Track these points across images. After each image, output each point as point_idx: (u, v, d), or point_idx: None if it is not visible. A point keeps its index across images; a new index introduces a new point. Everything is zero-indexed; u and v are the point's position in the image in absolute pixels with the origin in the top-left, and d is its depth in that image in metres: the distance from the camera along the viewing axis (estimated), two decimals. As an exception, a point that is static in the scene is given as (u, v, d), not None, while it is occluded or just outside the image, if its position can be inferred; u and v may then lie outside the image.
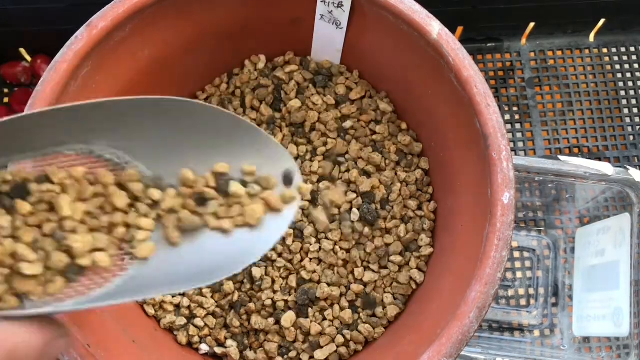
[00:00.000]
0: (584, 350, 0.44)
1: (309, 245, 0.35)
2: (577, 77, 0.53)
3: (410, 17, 0.32)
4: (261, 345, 0.35)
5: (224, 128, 0.25)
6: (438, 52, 0.31)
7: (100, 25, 0.31)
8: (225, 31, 0.36)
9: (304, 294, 0.34)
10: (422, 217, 0.36)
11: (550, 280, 0.46)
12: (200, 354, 0.35)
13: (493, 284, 0.28)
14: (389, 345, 0.33)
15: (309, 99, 0.37)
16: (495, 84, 0.52)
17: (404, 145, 0.37)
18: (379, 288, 0.35)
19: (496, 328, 0.45)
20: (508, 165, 0.29)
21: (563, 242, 0.46)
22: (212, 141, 0.25)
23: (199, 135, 0.25)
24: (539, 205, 0.48)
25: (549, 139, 0.51)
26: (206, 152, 0.25)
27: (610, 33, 0.53)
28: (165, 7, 0.33)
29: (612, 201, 0.44)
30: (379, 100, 0.38)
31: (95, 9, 0.31)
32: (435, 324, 0.30)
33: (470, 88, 0.30)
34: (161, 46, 0.35)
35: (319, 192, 0.36)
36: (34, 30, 0.47)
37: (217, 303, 0.35)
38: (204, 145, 0.25)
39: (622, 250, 0.40)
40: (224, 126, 0.24)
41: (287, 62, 0.39)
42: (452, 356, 0.27)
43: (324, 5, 0.34)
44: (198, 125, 0.24)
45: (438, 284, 0.33)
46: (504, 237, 0.28)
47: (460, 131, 0.33)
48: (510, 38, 0.53)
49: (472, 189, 0.32)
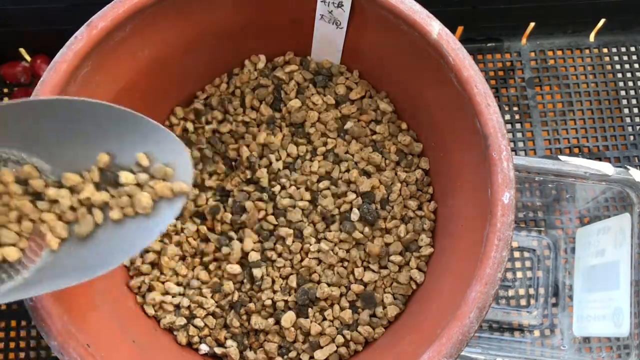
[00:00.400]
0: (584, 351, 0.44)
1: (309, 245, 0.35)
2: (577, 77, 0.53)
3: (411, 17, 0.32)
4: (261, 346, 0.35)
5: (115, 122, 0.26)
6: (438, 52, 0.31)
7: (100, 25, 0.31)
8: (225, 31, 0.36)
9: (304, 294, 0.34)
10: (422, 217, 0.36)
11: (551, 280, 0.46)
12: (200, 354, 0.35)
13: (493, 284, 0.28)
14: (389, 345, 0.33)
15: (309, 99, 0.37)
16: (495, 84, 0.52)
17: (404, 145, 0.37)
18: (379, 288, 0.35)
19: (496, 328, 0.45)
20: (508, 165, 0.29)
21: (563, 242, 0.46)
22: (102, 135, 0.26)
23: (91, 131, 0.26)
24: (539, 205, 0.47)
25: (549, 139, 0.51)
26: (96, 146, 0.26)
27: (610, 33, 0.53)
28: (165, 7, 0.33)
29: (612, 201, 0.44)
30: (379, 100, 0.38)
31: (95, 9, 0.31)
32: (436, 324, 0.30)
33: (471, 88, 0.30)
34: (161, 46, 0.34)
35: (319, 192, 0.36)
36: (34, 30, 0.47)
37: (217, 303, 0.35)
38: (95, 139, 0.26)
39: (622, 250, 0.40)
40: (115, 120, 0.26)
41: (287, 62, 0.39)
42: (452, 356, 0.27)
43: (324, 5, 0.34)
44: (89, 121, 0.25)
45: (438, 284, 0.33)
46: (504, 237, 0.28)
47: (460, 131, 0.33)
48: (511, 38, 0.53)
49: (472, 188, 0.32)
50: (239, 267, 0.35)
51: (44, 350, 0.45)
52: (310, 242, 0.35)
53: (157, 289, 0.35)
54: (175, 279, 0.35)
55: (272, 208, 0.36)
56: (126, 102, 0.35)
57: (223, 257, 0.35)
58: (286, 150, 0.37)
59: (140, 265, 0.35)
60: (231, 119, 0.38)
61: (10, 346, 0.45)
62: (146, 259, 0.35)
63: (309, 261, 0.35)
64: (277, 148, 0.37)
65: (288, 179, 0.36)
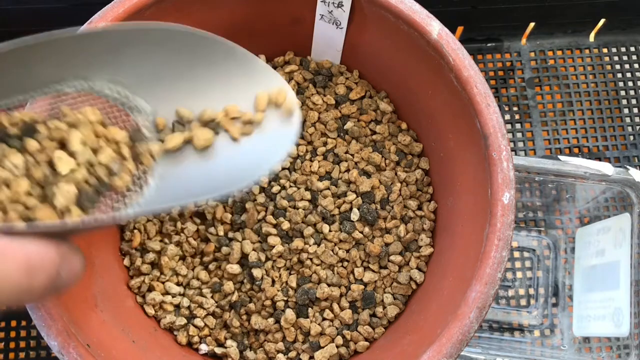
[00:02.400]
0: (584, 351, 0.44)
1: (309, 245, 0.35)
2: (577, 77, 0.53)
3: (410, 17, 0.32)
4: (261, 346, 0.35)
5: (219, 57, 0.25)
6: (438, 52, 0.31)
7: (100, 25, 0.31)
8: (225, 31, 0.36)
9: (304, 294, 0.34)
10: (422, 217, 0.36)
11: (551, 280, 0.46)
12: (200, 354, 0.35)
13: (493, 284, 0.28)
14: (389, 345, 0.33)
15: (309, 99, 0.37)
16: (495, 84, 0.52)
17: (404, 145, 0.37)
18: (379, 288, 0.35)
19: (496, 328, 0.45)
20: (508, 165, 0.29)
21: (563, 242, 0.46)
22: (207, 72, 0.25)
23: (195, 66, 0.25)
24: (539, 205, 0.47)
25: (549, 139, 0.51)
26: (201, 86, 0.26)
27: (610, 33, 0.53)
28: (165, 6, 0.33)
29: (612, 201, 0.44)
30: (379, 100, 0.38)
31: (95, 9, 0.31)
32: (436, 324, 0.30)
33: (471, 88, 0.30)
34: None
35: (319, 192, 0.36)
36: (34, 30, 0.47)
37: (217, 303, 0.35)
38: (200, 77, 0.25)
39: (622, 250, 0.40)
40: (219, 55, 0.25)
41: (287, 62, 0.39)
42: (452, 356, 0.27)
43: (324, 5, 0.34)
44: (194, 55, 0.25)
45: (438, 284, 0.33)
46: (504, 237, 0.28)
47: (460, 131, 0.33)
48: (510, 38, 0.53)
49: (472, 188, 0.32)
50: (238, 267, 0.35)
51: (44, 350, 0.45)
52: (309, 242, 0.35)
53: (157, 289, 0.35)
54: (175, 279, 0.35)
55: (272, 208, 0.36)
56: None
57: (223, 257, 0.35)
58: (286, 150, 0.37)
59: (140, 265, 0.35)
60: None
61: (10, 346, 0.45)
62: (146, 259, 0.35)
63: (309, 261, 0.35)
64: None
65: (288, 179, 0.36)
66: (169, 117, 0.26)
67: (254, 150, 0.26)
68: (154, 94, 0.25)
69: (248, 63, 0.26)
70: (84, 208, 0.23)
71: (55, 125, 0.23)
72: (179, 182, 0.25)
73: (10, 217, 0.21)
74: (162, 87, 0.25)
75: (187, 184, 0.25)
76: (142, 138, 0.25)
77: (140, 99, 0.25)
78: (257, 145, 0.26)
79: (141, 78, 0.25)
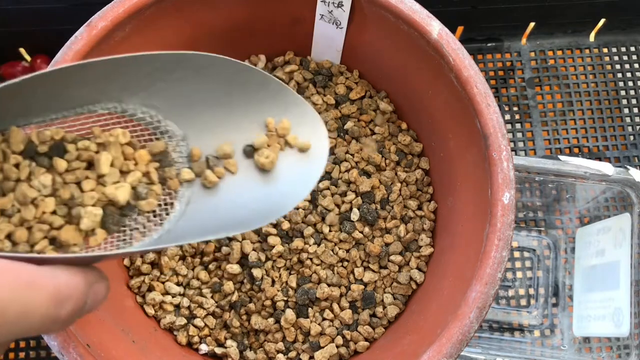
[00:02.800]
0: (584, 351, 0.44)
1: (309, 245, 0.35)
2: (577, 77, 0.53)
3: (411, 17, 0.32)
4: (261, 346, 0.35)
5: (253, 87, 0.25)
6: (438, 52, 0.31)
7: (100, 25, 0.31)
8: (225, 31, 0.36)
9: (304, 294, 0.34)
10: (422, 217, 0.36)
11: (551, 280, 0.46)
12: (200, 354, 0.35)
13: (493, 284, 0.28)
14: (389, 345, 0.33)
15: (309, 99, 0.37)
16: (495, 83, 0.52)
17: (404, 145, 0.37)
18: (379, 288, 0.35)
19: (496, 328, 0.45)
20: (508, 165, 0.29)
21: (563, 242, 0.46)
22: (241, 101, 0.25)
23: (230, 94, 0.25)
24: (539, 205, 0.47)
25: (549, 139, 0.51)
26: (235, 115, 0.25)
27: (610, 33, 0.53)
28: (165, 6, 0.33)
29: (612, 201, 0.44)
30: (379, 100, 0.38)
31: (95, 9, 0.31)
32: (436, 324, 0.30)
33: (471, 88, 0.30)
34: (161, 46, 0.34)
35: (319, 192, 0.36)
36: (34, 30, 0.47)
37: (217, 303, 0.35)
38: (235, 105, 0.25)
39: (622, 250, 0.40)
40: (254, 85, 0.25)
41: (287, 62, 0.39)
42: (452, 356, 0.27)
43: (324, 5, 0.34)
44: (229, 83, 0.25)
45: (438, 284, 0.33)
46: (504, 237, 0.28)
47: (460, 131, 0.33)
48: (511, 38, 0.53)
49: (472, 188, 0.32)
50: (238, 267, 0.35)
51: (44, 350, 0.45)
52: (309, 242, 0.35)
53: (157, 289, 0.35)
54: (175, 279, 0.35)
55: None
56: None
57: (223, 257, 0.35)
58: (286, 150, 0.37)
59: (140, 265, 0.35)
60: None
61: (10, 346, 0.45)
62: (146, 259, 0.35)
63: (309, 261, 0.35)
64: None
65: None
66: (202, 146, 0.26)
67: (282, 184, 0.25)
68: (186, 119, 0.25)
69: (282, 94, 0.26)
70: (109, 230, 0.23)
71: (85, 146, 0.23)
72: (204, 214, 0.25)
73: (35, 237, 0.22)
74: (195, 113, 0.25)
75: (212, 216, 0.25)
76: (172, 163, 0.25)
77: (173, 123, 0.25)
78: (284, 180, 0.26)
79: (174, 102, 0.25)
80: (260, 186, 0.25)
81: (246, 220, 0.24)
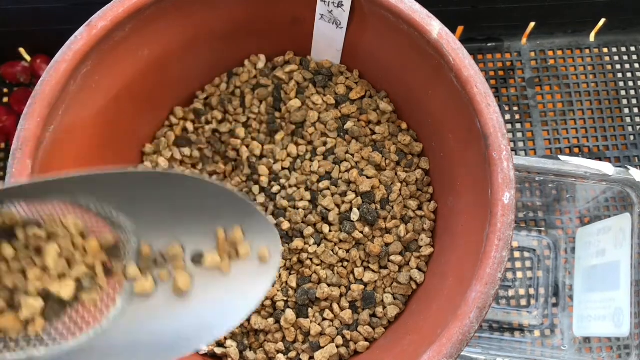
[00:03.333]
0: (585, 351, 0.44)
1: (309, 245, 0.35)
2: (578, 77, 0.53)
3: (410, 17, 0.32)
4: (261, 346, 0.35)
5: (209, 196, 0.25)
6: (438, 52, 0.31)
7: (100, 24, 0.31)
8: (225, 31, 0.36)
9: (304, 294, 0.34)
10: (422, 217, 0.36)
11: (551, 280, 0.46)
12: (200, 354, 0.35)
13: (493, 284, 0.28)
14: (389, 345, 0.33)
15: (309, 99, 0.37)
16: (495, 83, 0.52)
17: (404, 145, 0.37)
18: (379, 288, 0.35)
19: (496, 328, 0.45)
20: (508, 165, 0.29)
21: (563, 242, 0.46)
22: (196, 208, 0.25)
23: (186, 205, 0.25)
24: (539, 205, 0.47)
25: (549, 139, 0.51)
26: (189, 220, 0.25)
27: (610, 33, 0.53)
28: (165, 6, 0.33)
29: (612, 201, 0.44)
30: (379, 100, 0.38)
31: (95, 9, 0.31)
32: (436, 324, 0.30)
33: (471, 88, 0.30)
34: (161, 46, 0.34)
35: (319, 192, 0.36)
36: (34, 30, 0.47)
37: (217, 303, 0.35)
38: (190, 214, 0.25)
39: (622, 251, 0.40)
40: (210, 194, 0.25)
41: (287, 62, 0.39)
42: (452, 356, 0.27)
43: (324, 5, 0.34)
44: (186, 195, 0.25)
45: (438, 284, 0.33)
46: (504, 237, 0.28)
47: (460, 131, 0.33)
48: (511, 38, 0.53)
49: (472, 188, 0.32)
50: (239, 267, 0.35)
51: (44, 351, 0.45)
52: (309, 242, 0.35)
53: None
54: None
55: (272, 208, 0.36)
56: (126, 101, 0.35)
57: (223, 257, 0.35)
58: (286, 150, 0.37)
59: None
60: (231, 119, 0.38)
61: (10, 346, 0.45)
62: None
63: (309, 261, 0.35)
64: (277, 148, 0.37)
65: (288, 179, 0.36)
66: (153, 244, 0.25)
67: (225, 298, 0.25)
68: (139, 216, 0.25)
69: (240, 205, 0.25)
70: (49, 320, 0.23)
71: (34, 234, 0.23)
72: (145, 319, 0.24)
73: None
74: (149, 212, 0.25)
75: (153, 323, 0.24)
76: (119, 255, 0.25)
77: (125, 217, 0.25)
78: (230, 292, 0.25)
79: (129, 200, 0.25)
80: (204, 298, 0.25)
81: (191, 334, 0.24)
